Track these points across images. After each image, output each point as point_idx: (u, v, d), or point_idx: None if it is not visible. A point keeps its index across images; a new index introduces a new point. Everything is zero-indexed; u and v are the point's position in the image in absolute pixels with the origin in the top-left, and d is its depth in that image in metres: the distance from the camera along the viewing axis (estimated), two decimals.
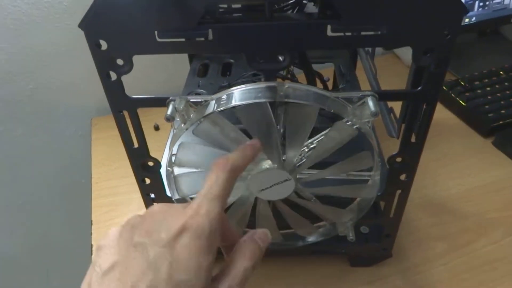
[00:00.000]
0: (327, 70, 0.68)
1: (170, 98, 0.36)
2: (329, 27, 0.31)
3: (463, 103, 0.77)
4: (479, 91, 0.79)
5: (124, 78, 0.35)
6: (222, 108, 0.34)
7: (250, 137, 0.36)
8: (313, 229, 0.48)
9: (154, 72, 0.85)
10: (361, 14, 0.30)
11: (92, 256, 0.27)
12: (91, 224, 0.63)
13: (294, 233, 0.48)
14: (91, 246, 0.60)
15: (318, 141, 0.39)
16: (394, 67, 0.95)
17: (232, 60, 0.69)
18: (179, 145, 0.39)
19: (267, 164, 0.39)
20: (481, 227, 0.59)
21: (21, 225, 0.97)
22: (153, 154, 0.44)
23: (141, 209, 0.46)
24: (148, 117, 0.64)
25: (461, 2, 0.30)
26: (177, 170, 0.42)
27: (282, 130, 0.38)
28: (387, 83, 0.62)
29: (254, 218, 0.45)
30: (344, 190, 0.42)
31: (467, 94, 0.79)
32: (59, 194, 0.94)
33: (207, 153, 0.40)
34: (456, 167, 0.69)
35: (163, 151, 0.51)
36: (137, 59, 0.33)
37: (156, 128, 0.80)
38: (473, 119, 0.76)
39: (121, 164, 0.69)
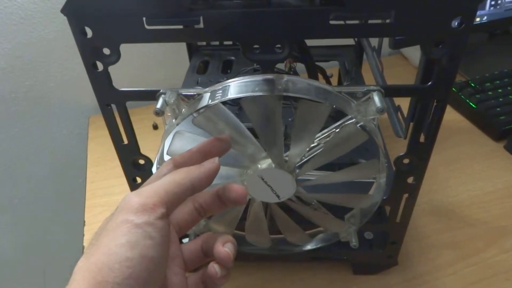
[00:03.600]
0: (331, 69, 0.66)
1: (161, 91, 0.33)
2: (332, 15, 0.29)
3: (474, 106, 0.74)
4: (490, 93, 0.76)
5: (119, 78, 0.33)
6: (216, 102, 0.32)
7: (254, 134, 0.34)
8: (305, 237, 0.45)
9: (152, 70, 0.83)
10: (366, 0, 0.28)
11: None
12: (84, 225, 0.61)
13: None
14: (83, 247, 0.58)
15: (324, 142, 0.36)
16: (402, 68, 0.92)
17: (233, 58, 0.67)
18: (175, 133, 0.36)
19: (266, 163, 0.36)
20: (491, 235, 0.56)
21: (17, 224, 0.95)
22: (151, 153, 0.42)
23: None
24: (147, 115, 0.62)
25: None
26: None
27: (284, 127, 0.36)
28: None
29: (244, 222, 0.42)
30: (346, 198, 0.40)
31: (477, 96, 0.75)
32: (55, 193, 0.92)
33: None
34: (466, 172, 0.66)
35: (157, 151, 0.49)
36: (135, 56, 0.31)
37: (155, 127, 0.78)
38: (483, 122, 0.73)
39: (117, 163, 0.67)
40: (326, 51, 0.65)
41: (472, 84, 0.78)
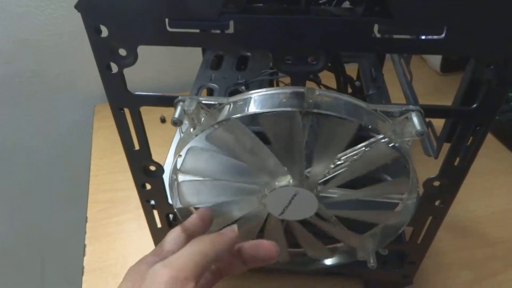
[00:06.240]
0: (347, 69, 0.63)
1: (179, 98, 0.31)
2: (376, 27, 0.26)
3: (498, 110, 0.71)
4: None
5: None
6: (238, 115, 0.29)
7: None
8: (326, 252, 0.43)
9: (164, 60, 0.80)
10: (418, 13, 0.25)
11: None
12: (86, 221, 0.59)
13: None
14: (84, 246, 0.56)
15: (351, 161, 0.34)
16: (420, 71, 0.88)
17: (249, 54, 0.64)
18: (188, 150, 0.33)
19: (285, 180, 0.34)
20: (510, 255, 0.54)
21: (16, 211, 0.93)
22: (158, 148, 0.39)
23: (139, 210, 0.42)
24: (155, 107, 0.59)
25: None
26: (180, 177, 0.37)
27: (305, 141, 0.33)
28: None
29: (262, 234, 0.40)
30: (372, 214, 0.37)
31: None
32: (57, 181, 0.89)
33: (218, 161, 0.35)
34: (484, 186, 0.63)
35: (167, 154, 0.46)
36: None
37: (163, 120, 0.75)
38: (505, 134, 0.70)
39: (123, 156, 0.65)
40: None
41: None
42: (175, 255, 0.26)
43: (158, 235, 0.44)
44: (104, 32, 0.28)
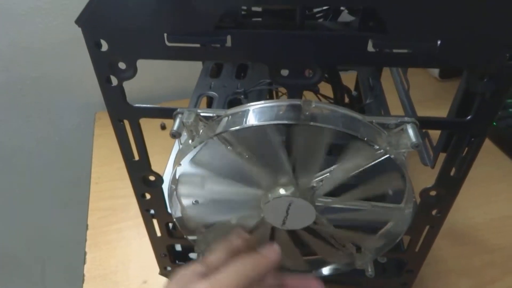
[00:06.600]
0: (346, 77, 0.64)
1: (178, 110, 0.31)
2: (370, 41, 0.26)
3: (493, 122, 0.71)
4: (511, 109, 0.73)
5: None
6: (236, 128, 0.29)
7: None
8: (304, 264, 0.43)
9: (165, 66, 0.81)
10: (411, 28, 0.25)
11: None
12: (87, 229, 0.59)
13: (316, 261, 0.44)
14: (85, 253, 0.56)
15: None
16: (419, 78, 0.89)
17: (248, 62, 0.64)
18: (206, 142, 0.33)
19: (281, 191, 0.34)
20: (508, 262, 0.54)
21: (19, 217, 0.93)
22: (158, 156, 0.40)
23: (140, 217, 0.42)
24: None
25: None
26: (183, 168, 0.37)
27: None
28: (410, 95, 0.57)
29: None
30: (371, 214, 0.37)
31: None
32: (57, 186, 0.90)
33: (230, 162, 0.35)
34: (481, 193, 0.63)
35: (166, 163, 0.46)
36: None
37: (163, 127, 0.76)
38: (503, 140, 0.70)
39: (123, 164, 0.65)
40: None
41: None
42: (220, 275, 0.27)
43: (157, 244, 0.45)
44: (104, 46, 0.28)
